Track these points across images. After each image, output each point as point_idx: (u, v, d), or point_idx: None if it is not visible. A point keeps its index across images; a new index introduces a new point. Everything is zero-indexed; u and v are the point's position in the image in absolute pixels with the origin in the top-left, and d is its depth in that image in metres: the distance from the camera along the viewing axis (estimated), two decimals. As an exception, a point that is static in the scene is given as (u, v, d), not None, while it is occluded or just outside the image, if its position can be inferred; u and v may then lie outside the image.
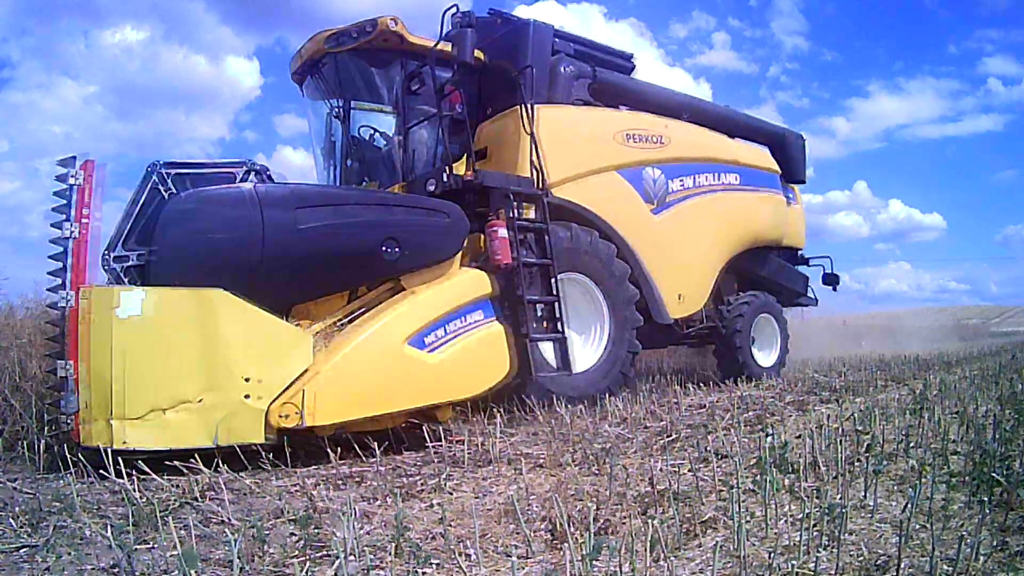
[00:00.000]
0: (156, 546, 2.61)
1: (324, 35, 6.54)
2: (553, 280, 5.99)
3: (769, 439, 3.98)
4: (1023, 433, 4.08)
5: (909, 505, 2.55)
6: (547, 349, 6.01)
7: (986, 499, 2.85)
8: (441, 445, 4.45)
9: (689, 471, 3.53)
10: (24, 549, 2.66)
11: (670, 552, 2.44)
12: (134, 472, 3.62)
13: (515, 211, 6.01)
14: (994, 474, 3.02)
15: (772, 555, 2.34)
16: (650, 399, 6.28)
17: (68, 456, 3.89)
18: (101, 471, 3.69)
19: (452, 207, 5.30)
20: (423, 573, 2.35)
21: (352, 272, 4.88)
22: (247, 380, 4.12)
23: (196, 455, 3.88)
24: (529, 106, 6.45)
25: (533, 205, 6.29)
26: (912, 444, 3.92)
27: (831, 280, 10.56)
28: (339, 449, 4.19)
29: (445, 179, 6.08)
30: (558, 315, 6.00)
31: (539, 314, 5.96)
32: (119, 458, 3.60)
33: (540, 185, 6.39)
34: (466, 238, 5.35)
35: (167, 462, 3.90)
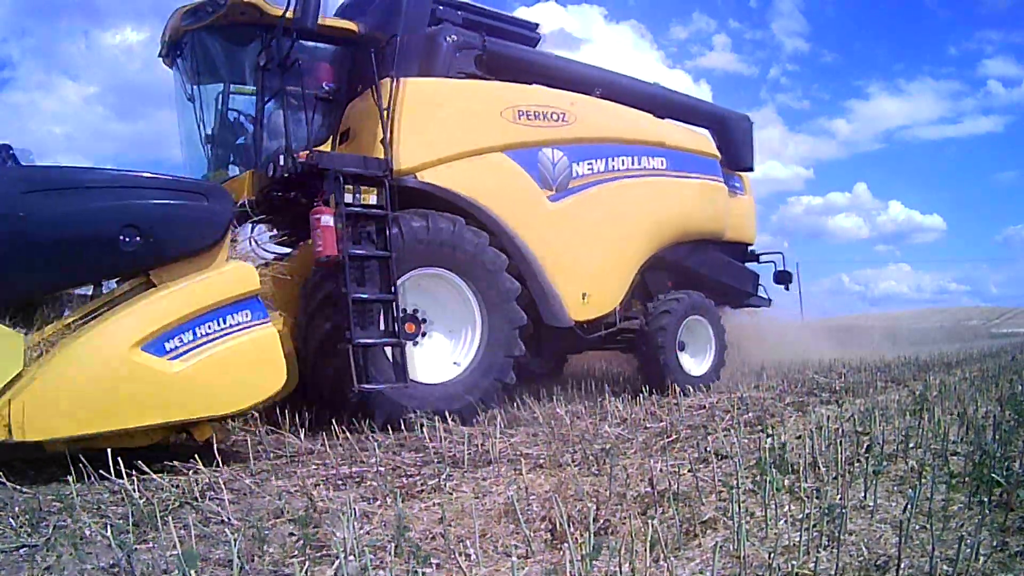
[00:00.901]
0: (156, 546, 2.61)
1: (181, 11, 6.00)
2: (393, 276, 5.34)
3: (769, 440, 3.98)
4: (1023, 434, 4.08)
5: (909, 505, 2.55)
6: (382, 356, 5.35)
7: (986, 500, 2.85)
8: (441, 445, 4.44)
9: (689, 471, 3.53)
10: (24, 549, 2.66)
11: (670, 552, 2.44)
12: (134, 472, 3.62)
13: (354, 196, 5.39)
14: (994, 475, 3.02)
15: (772, 555, 2.34)
16: (650, 400, 6.28)
17: (67, 456, 3.88)
18: (101, 471, 3.69)
19: (215, 189, 4.64)
20: (423, 573, 2.35)
21: (87, 265, 4.22)
22: None
23: (196, 454, 3.88)
24: (390, 80, 5.79)
25: (375, 190, 5.56)
26: (912, 445, 3.91)
27: (783, 278, 9.73)
28: (339, 449, 4.19)
29: (282, 163, 5.53)
30: (395, 317, 5.34)
31: (371, 315, 5.34)
32: (119, 457, 3.60)
33: (390, 167, 5.66)
34: (230, 226, 4.56)
35: (167, 462, 3.90)
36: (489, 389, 5.82)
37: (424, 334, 5.90)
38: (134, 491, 3.31)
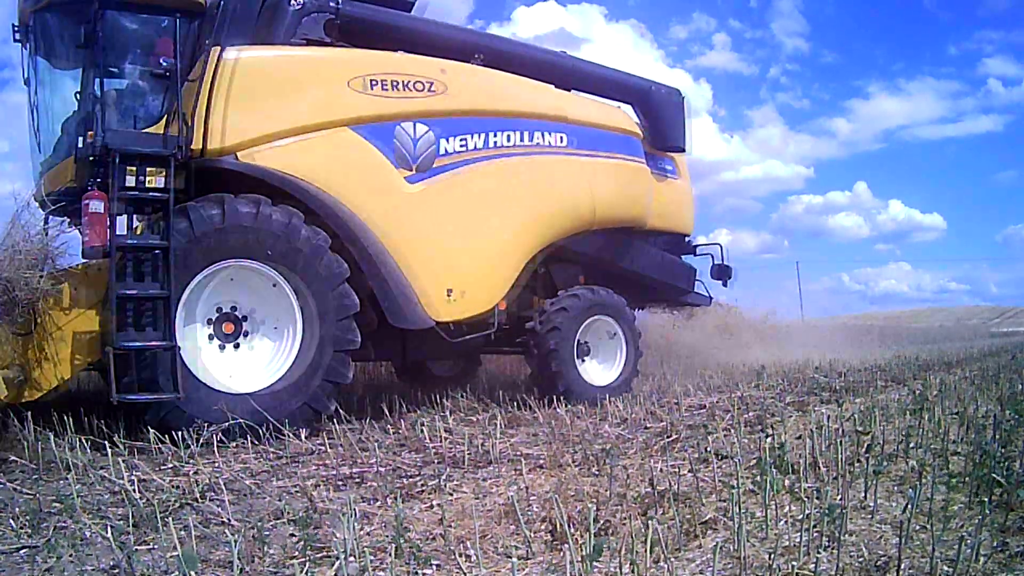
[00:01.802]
0: (156, 547, 2.61)
1: None
2: (173, 271, 4.74)
3: (769, 440, 3.98)
4: (1023, 434, 4.08)
5: (909, 506, 2.55)
6: (162, 361, 4.70)
7: (986, 500, 2.85)
8: (441, 446, 4.44)
9: (689, 472, 3.53)
10: (24, 550, 2.66)
11: (670, 553, 2.44)
12: (134, 473, 3.62)
13: (137, 179, 4.83)
14: (994, 475, 3.02)
15: (772, 556, 2.34)
16: (650, 400, 6.28)
17: (68, 457, 3.89)
18: (102, 471, 3.69)
19: None
20: (423, 574, 2.35)
21: None
22: None
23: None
24: (213, 50, 5.20)
25: (163, 172, 4.93)
26: (912, 445, 3.91)
27: (722, 273, 8.63)
28: (339, 449, 4.19)
29: (82, 144, 4.99)
30: (171, 318, 4.71)
31: (148, 315, 4.72)
32: (120, 459, 3.60)
33: (181, 145, 4.99)
34: None
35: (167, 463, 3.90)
36: (319, 392, 5.15)
37: (246, 334, 5.28)
38: (134, 492, 3.31)
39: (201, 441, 4.34)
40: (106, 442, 4.37)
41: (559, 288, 7.06)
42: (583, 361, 6.79)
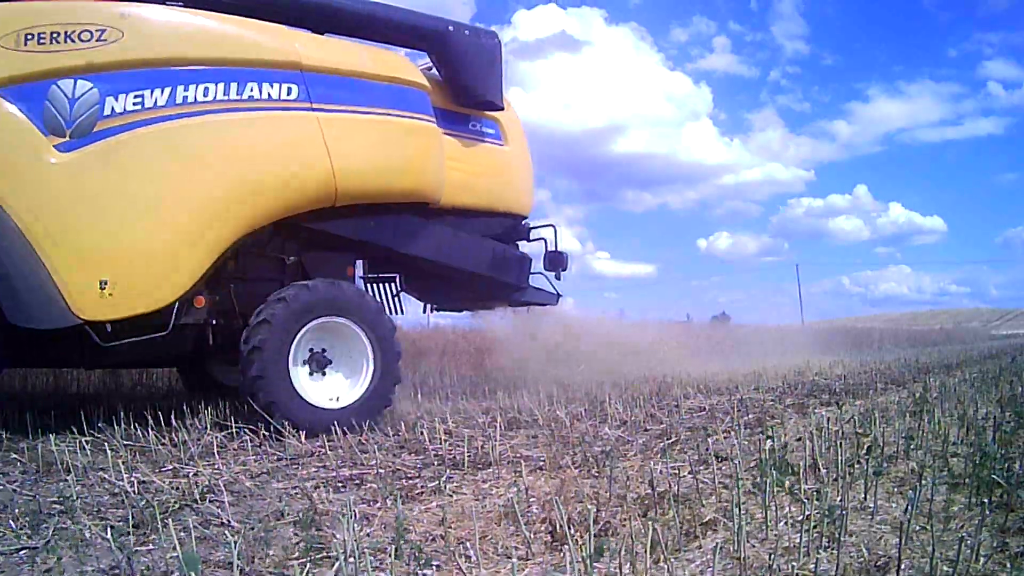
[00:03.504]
0: (156, 548, 2.61)
1: None
2: None
3: (769, 441, 3.98)
4: (1023, 435, 4.08)
5: (909, 507, 2.55)
6: None
7: (986, 501, 2.85)
8: (441, 447, 4.44)
9: (689, 473, 3.53)
10: (24, 551, 2.65)
11: (670, 554, 2.44)
12: (134, 474, 3.62)
13: None
14: (994, 476, 3.02)
15: (772, 557, 2.34)
16: (650, 402, 6.28)
17: (68, 458, 3.89)
18: (102, 472, 3.69)
19: None
20: (423, 575, 2.35)
21: None
22: None
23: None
24: None
25: None
26: (912, 446, 3.92)
27: (554, 262, 7.22)
28: (339, 451, 4.19)
29: None
30: None
31: None
32: (119, 460, 3.60)
33: None
34: None
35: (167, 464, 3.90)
36: None
37: None
38: (134, 493, 3.31)
39: (201, 443, 4.35)
40: (106, 443, 4.38)
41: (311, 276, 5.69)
42: (322, 376, 5.35)
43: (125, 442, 4.55)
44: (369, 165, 5.61)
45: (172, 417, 5.07)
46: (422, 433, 4.70)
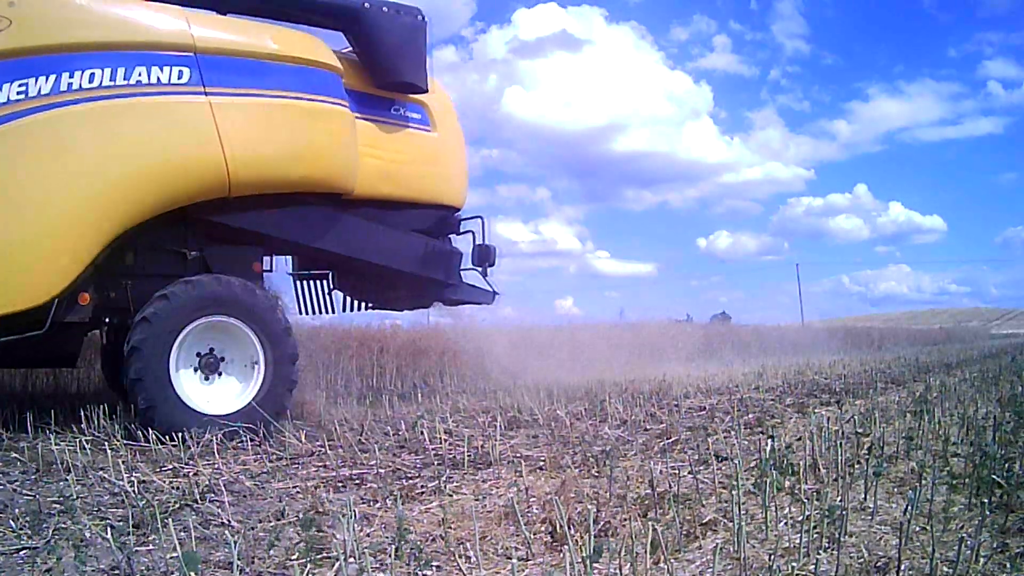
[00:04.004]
0: (156, 548, 2.61)
1: None
2: None
3: (769, 441, 3.98)
4: (1023, 435, 4.08)
5: (909, 507, 2.55)
6: None
7: (986, 501, 2.85)
8: (441, 447, 4.44)
9: (689, 473, 3.53)
10: (25, 551, 2.66)
11: (670, 554, 2.44)
12: (134, 474, 3.62)
13: None
14: (994, 476, 3.02)
15: (772, 557, 2.34)
16: (650, 401, 6.28)
17: (68, 458, 3.89)
18: (102, 472, 3.69)
19: None
20: (423, 575, 2.35)
21: None
22: None
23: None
24: None
25: None
26: (912, 446, 3.92)
27: (482, 256, 6.70)
28: (339, 451, 4.19)
29: None
30: None
31: None
32: (120, 460, 3.60)
33: None
34: None
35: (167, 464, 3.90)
36: None
37: None
38: (134, 493, 3.31)
39: (201, 442, 4.35)
40: (106, 443, 4.38)
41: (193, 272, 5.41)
42: (214, 380, 5.11)
43: (125, 442, 4.55)
44: (267, 152, 5.31)
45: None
46: (422, 433, 4.70)
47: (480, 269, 6.74)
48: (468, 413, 5.95)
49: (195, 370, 5.09)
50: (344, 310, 6.86)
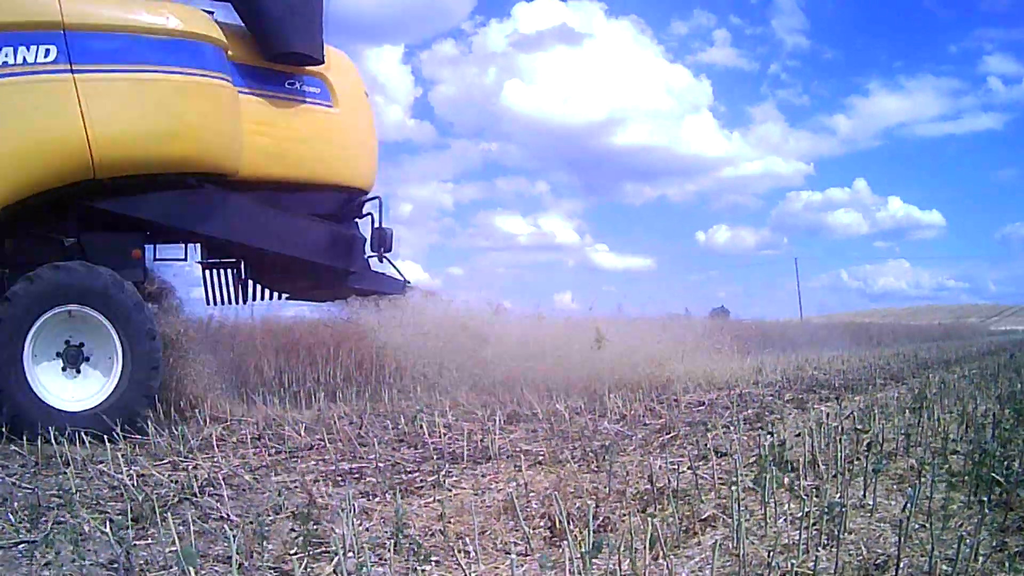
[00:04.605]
0: (155, 542, 2.61)
1: None
2: None
3: (769, 437, 3.98)
4: (1023, 433, 4.08)
5: (909, 504, 2.55)
6: None
7: (986, 499, 2.85)
8: (440, 442, 4.44)
9: (688, 469, 3.53)
10: (23, 545, 2.66)
11: (669, 550, 2.44)
12: (133, 468, 3.62)
13: None
14: (994, 474, 3.02)
15: (771, 553, 2.34)
16: (649, 396, 6.28)
17: (67, 451, 3.89)
18: (101, 466, 3.69)
19: None
20: (422, 570, 2.35)
21: None
22: None
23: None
24: None
25: None
26: (912, 443, 3.91)
27: (380, 239, 6.32)
28: (338, 445, 4.19)
29: None
30: None
31: None
32: (118, 454, 3.60)
33: None
34: None
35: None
36: None
37: None
38: (133, 486, 3.31)
39: (200, 436, 4.35)
40: (105, 437, 4.38)
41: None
42: (76, 373, 4.90)
43: (124, 435, 4.55)
44: (135, 130, 5.02)
45: (171, 410, 5.08)
46: (421, 427, 4.70)
47: (376, 255, 6.37)
48: (467, 407, 5.95)
49: (60, 362, 4.88)
50: (257, 300, 6.52)
